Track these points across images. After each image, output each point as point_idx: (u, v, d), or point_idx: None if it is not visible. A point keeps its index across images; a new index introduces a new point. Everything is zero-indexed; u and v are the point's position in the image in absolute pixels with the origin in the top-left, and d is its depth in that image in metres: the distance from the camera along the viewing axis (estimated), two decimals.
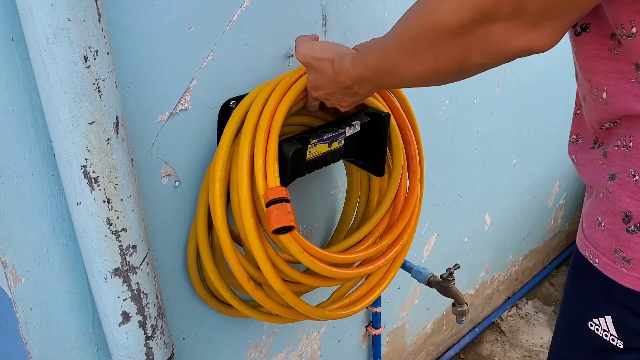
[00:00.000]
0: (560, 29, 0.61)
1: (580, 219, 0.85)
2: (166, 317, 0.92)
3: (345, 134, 0.99)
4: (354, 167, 1.16)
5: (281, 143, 0.92)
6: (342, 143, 1.01)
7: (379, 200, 1.14)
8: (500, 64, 0.67)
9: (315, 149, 0.97)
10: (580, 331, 0.85)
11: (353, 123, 0.99)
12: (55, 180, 0.79)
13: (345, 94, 0.87)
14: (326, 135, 0.97)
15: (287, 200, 0.86)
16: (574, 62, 0.80)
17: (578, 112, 0.85)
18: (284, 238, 0.89)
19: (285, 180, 0.93)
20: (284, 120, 0.91)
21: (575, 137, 0.85)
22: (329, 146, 0.99)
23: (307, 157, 0.97)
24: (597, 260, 0.79)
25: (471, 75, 0.72)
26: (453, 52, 0.65)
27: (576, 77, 0.82)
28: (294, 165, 0.95)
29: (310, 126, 1.03)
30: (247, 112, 0.92)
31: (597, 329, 0.81)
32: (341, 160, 1.12)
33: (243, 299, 1.05)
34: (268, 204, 0.85)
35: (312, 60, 0.88)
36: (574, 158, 0.86)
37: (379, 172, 1.08)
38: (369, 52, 0.78)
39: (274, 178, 0.87)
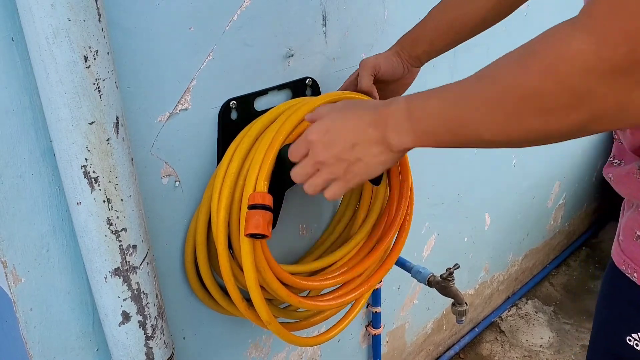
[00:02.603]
0: None
1: (617, 232, 0.83)
2: (166, 317, 0.92)
3: None
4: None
5: (282, 150, 0.92)
6: None
7: (363, 220, 1.18)
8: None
9: None
10: (618, 346, 0.82)
11: None
12: (56, 180, 0.79)
13: (370, 144, 0.71)
14: None
15: (270, 209, 0.86)
16: None
17: (617, 139, 0.84)
18: (274, 284, 0.92)
19: (286, 185, 0.94)
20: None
21: (619, 161, 0.84)
22: None
23: None
24: (635, 274, 0.76)
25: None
26: (580, 115, 0.52)
27: None
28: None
29: None
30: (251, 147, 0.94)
31: (637, 344, 0.78)
32: None
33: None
34: (251, 207, 0.86)
35: (346, 101, 0.78)
36: (610, 176, 0.84)
37: (376, 182, 1.09)
38: (433, 97, 0.65)
39: (263, 183, 0.88)
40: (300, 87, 1.08)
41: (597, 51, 0.49)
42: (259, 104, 1.03)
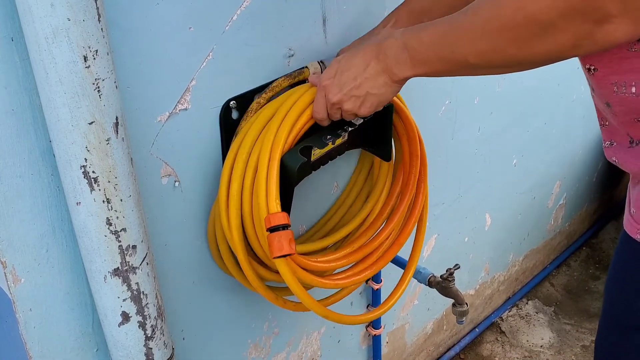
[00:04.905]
0: None
1: (627, 206, 0.87)
2: (166, 317, 0.92)
3: (348, 130, 0.99)
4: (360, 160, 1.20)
5: (285, 159, 0.91)
6: (346, 137, 1.01)
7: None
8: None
9: (320, 150, 0.98)
10: (630, 313, 0.86)
11: (355, 122, 0.99)
12: (55, 180, 0.79)
13: (375, 76, 0.81)
14: (329, 137, 0.97)
15: (288, 227, 0.86)
16: (587, 79, 0.82)
17: (607, 123, 0.86)
18: (282, 270, 0.92)
19: (292, 184, 0.94)
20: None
21: (610, 142, 0.87)
22: (333, 143, 0.99)
23: (312, 159, 0.98)
24: None
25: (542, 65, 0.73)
26: (547, 45, 0.65)
27: (592, 91, 0.83)
28: (300, 176, 0.96)
29: None
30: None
31: None
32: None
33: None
34: (270, 230, 0.86)
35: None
36: (614, 160, 0.87)
37: (386, 157, 1.10)
38: (426, 29, 0.76)
39: (275, 203, 0.87)
40: None
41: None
42: None
